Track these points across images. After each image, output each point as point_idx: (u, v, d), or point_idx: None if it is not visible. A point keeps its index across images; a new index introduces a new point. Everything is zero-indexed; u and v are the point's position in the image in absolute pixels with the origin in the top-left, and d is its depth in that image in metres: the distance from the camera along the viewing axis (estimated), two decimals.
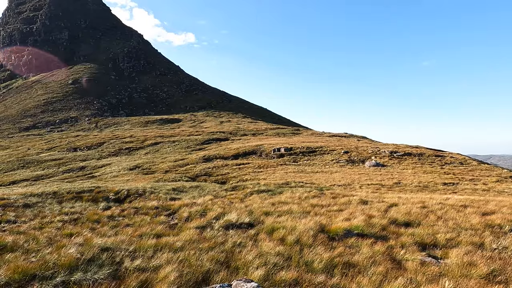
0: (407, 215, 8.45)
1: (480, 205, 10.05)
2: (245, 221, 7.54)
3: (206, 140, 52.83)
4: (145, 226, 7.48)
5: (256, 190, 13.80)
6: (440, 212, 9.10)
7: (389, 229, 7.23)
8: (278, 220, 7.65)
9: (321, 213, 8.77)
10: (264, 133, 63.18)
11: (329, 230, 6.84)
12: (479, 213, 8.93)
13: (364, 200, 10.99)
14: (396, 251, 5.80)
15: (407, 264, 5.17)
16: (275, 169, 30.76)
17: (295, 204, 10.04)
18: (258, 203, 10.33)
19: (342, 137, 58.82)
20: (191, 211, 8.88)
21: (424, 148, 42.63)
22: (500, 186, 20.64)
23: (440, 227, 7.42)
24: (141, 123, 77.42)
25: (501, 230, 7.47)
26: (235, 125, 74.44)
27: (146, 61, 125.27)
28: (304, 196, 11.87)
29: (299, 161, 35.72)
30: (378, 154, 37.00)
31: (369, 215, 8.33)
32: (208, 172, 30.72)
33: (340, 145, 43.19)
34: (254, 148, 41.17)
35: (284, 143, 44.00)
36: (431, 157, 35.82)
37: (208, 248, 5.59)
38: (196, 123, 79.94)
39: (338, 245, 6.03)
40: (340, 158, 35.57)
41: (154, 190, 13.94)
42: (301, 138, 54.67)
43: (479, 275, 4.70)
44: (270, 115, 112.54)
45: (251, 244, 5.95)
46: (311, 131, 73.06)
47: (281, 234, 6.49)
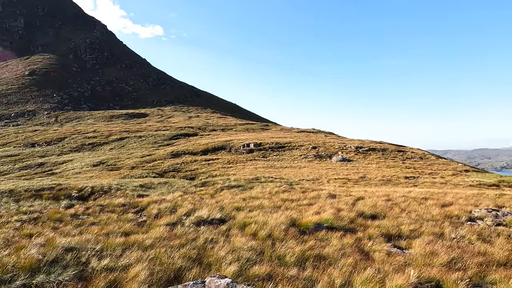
0: (373, 208, 8.78)
1: (439, 197, 10.65)
2: (217, 217, 7.48)
3: (174, 136, 51.81)
4: (112, 224, 7.20)
5: (226, 185, 13.74)
6: (404, 204, 9.54)
7: (357, 221, 7.48)
8: (249, 215, 7.66)
9: (292, 208, 8.89)
10: (234, 129, 62.98)
11: (300, 224, 6.95)
12: (439, 205, 9.46)
13: (333, 194, 11.28)
14: (364, 242, 6.01)
15: (374, 255, 5.37)
16: (245, 165, 30.79)
17: (266, 199, 10.10)
18: (229, 199, 10.29)
19: (310, 133, 59.95)
20: (160, 208, 8.67)
21: (387, 144, 44.44)
22: (456, 179, 21.97)
23: (404, 219, 7.77)
24: (106, 118, 74.42)
25: (458, 220, 7.95)
26: (204, 120, 73.56)
27: (111, 53, 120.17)
28: (274, 191, 11.97)
29: (269, 156, 35.98)
30: (345, 149, 38.10)
31: (338, 209, 8.56)
32: (177, 168, 30.17)
33: (308, 140, 43.99)
34: (223, 144, 40.94)
35: (253, 139, 44.13)
36: (394, 152, 37.42)
37: (179, 245, 5.48)
38: (164, 118, 78.07)
39: (309, 238, 6.14)
40: (308, 153, 36.22)
41: (120, 187, 13.47)
42: (271, 134, 55.08)
43: (440, 264, 4.98)
44: (239, 110, 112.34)
45: (223, 240, 5.91)
46: (280, 127, 73.77)
47: (253, 229, 6.50)
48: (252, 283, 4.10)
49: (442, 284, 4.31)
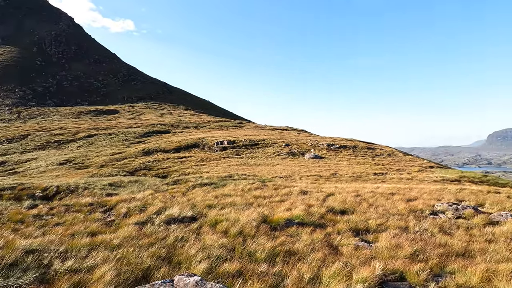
0: (343, 204, 9.00)
1: (405, 193, 11.08)
2: (188, 215, 7.39)
3: (146, 133, 50.64)
4: (77, 224, 6.94)
5: (199, 183, 13.61)
6: (372, 200, 9.86)
7: (327, 217, 7.64)
8: (221, 213, 7.63)
9: (264, 204, 8.96)
10: (207, 126, 62.44)
11: (272, 220, 7.01)
12: (405, 200, 9.85)
13: (304, 191, 11.46)
14: (333, 237, 6.15)
15: (343, 249, 5.51)
16: (218, 162, 30.63)
17: (238, 196, 10.10)
18: (201, 197, 10.22)
19: (283, 130, 60.50)
20: (129, 207, 8.46)
21: (358, 141, 45.67)
22: (421, 175, 22.96)
23: (372, 214, 8.03)
24: (73, 114, 71.45)
25: (422, 214, 8.33)
26: (176, 117, 72.37)
27: (78, 47, 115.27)
28: (247, 188, 12.00)
29: (242, 154, 35.97)
30: (317, 146, 38.78)
31: (309, 205, 8.71)
32: (148, 166, 29.54)
33: (281, 138, 44.39)
34: (196, 141, 40.50)
35: (227, 136, 43.96)
36: (364, 149, 38.53)
37: (148, 244, 5.37)
38: (135, 114, 76.05)
39: (280, 234, 6.21)
40: (281, 150, 36.56)
41: (88, 186, 13.01)
42: (244, 131, 55.08)
43: (404, 256, 5.19)
44: (213, 107, 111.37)
45: (194, 237, 5.85)
46: (253, 124, 73.92)
47: (225, 227, 6.48)
48: (222, 280, 4.09)
49: (405, 275, 4.48)
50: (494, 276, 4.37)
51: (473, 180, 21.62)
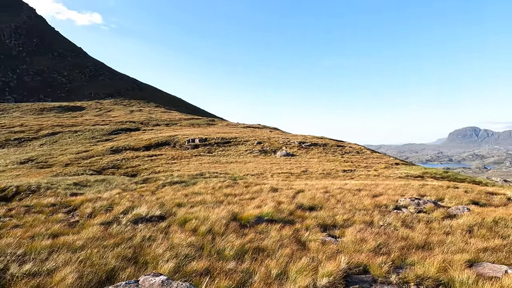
0: (312, 200, 9.18)
1: (371, 189, 11.47)
2: (156, 213, 7.26)
3: (114, 130, 49.10)
4: (38, 226, 6.62)
5: (168, 181, 13.39)
6: (340, 196, 10.12)
7: (296, 213, 7.77)
8: (190, 211, 7.56)
9: (234, 202, 8.96)
10: (178, 124, 61.45)
11: (241, 218, 7.03)
12: (371, 196, 10.19)
13: (275, 188, 11.57)
14: (301, 233, 6.27)
15: (310, 245, 5.63)
16: (190, 160, 30.26)
17: (208, 194, 10.05)
18: (171, 195, 10.06)
19: (256, 128, 60.70)
20: (95, 207, 8.18)
21: (328, 139, 46.68)
22: (387, 171, 23.85)
23: (339, 209, 8.25)
24: (35, 110, 67.89)
25: (386, 209, 8.66)
26: (147, 114, 70.63)
27: (41, 40, 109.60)
28: (218, 186, 11.95)
29: (214, 152, 35.75)
30: (289, 144, 39.24)
31: (279, 202, 8.81)
32: (117, 164, 28.66)
33: (254, 136, 44.53)
34: (167, 139, 39.77)
35: (199, 134, 43.50)
36: (334, 147, 39.45)
37: (114, 245, 5.22)
38: (102, 111, 73.42)
39: (249, 231, 6.24)
40: (253, 148, 36.68)
41: (51, 186, 12.44)
42: (216, 129, 54.73)
43: (368, 249, 5.38)
44: (184, 105, 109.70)
45: (162, 237, 5.76)
46: (226, 122, 73.62)
47: (194, 225, 6.43)
48: (189, 279, 4.06)
49: (369, 268, 4.65)
50: (450, 266, 4.63)
51: (435, 176, 22.73)
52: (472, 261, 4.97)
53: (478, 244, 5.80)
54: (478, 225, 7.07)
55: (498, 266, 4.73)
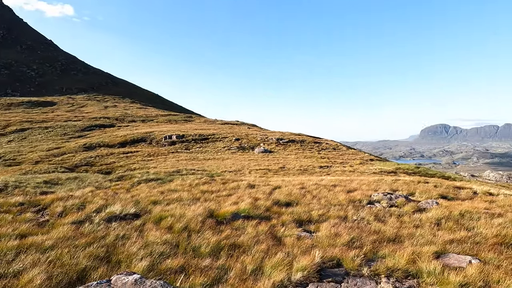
0: (288, 196, 9.29)
1: (346, 184, 11.72)
2: (131, 211, 7.12)
3: (88, 127, 47.59)
4: (5, 226, 6.33)
5: (144, 179, 13.15)
6: (316, 191, 10.29)
7: (273, 209, 7.84)
8: (166, 209, 7.47)
9: (211, 199, 8.93)
10: (155, 120, 60.32)
11: (218, 214, 7.02)
12: (345, 191, 10.42)
13: (252, 184, 11.61)
14: (277, 229, 6.33)
15: (286, 240, 5.70)
16: (166, 157, 29.83)
17: (185, 192, 9.95)
18: (146, 193, 9.89)
19: (233, 125, 60.53)
20: (66, 205, 7.90)
21: (305, 136, 47.25)
22: (363, 167, 24.44)
23: (315, 205, 8.39)
24: (2, 106, 64.67)
25: (360, 204, 8.88)
26: (122, 110, 68.88)
27: (8, 31, 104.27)
28: (195, 183, 11.86)
29: (192, 148, 35.39)
30: (266, 141, 39.42)
31: (256, 198, 8.86)
32: (90, 161, 27.82)
33: (231, 132, 44.40)
34: (143, 135, 38.98)
35: (176, 130, 42.90)
36: (311, 144, 39.98)
37: (85, 244, 5.08)
38: (75, 107, 70.90)
39: (225, 228, 6.24)
40: (231, 145, 36.59)
41: (19, 184, 11.93)
42: (194, 125, 54.16)
43: (342, 243, 5.51)
44: (161, 101, 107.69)
45: (137, 235, 5.66)
46: (204, 119, 72.95)
47: (169, 222, 6.36)
48: (164, 277, 4.02)
49: (342, 262, 4.77)
50: (419, 258, 4.82)
51: (407, 172, 23.52)
52: (439, 253, 5.19)
53: (445, 236, 6.07)
54: (446, 218, 7.39)
55: (463, 257, 4.97)
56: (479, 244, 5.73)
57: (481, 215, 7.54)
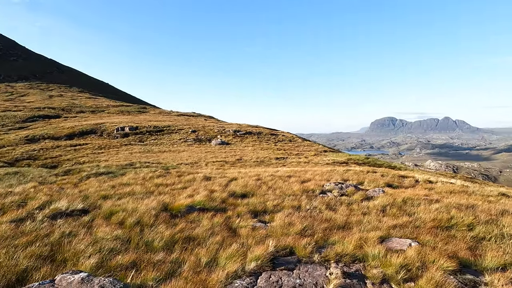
0: (244, 188, 9.36)
1: (301, 175, 12.07)
2: (78, 207, 6.74)
3: (30, 117, 44.06)
4: None
5: (94, 173, 12.51)
6: (271, 182, 10.48)
7: (228, 201, 7.86)
8: (118, 203, 7.17)
9: (165, 192, 8.73)
10: (106, 111, 57.36)
11: (172, 208, 6.89)
12: (300, 181, 10.73)
13: (208, 177, 11.54)
14: (233, 220, 6.37)
15: (241, 231, 5.76)
16: (119, 150, 28.60)
17: (138, 185, 9.63)
18: (96, 187, 9.42)
19: (190, 117, 59.45)
20: (4, 203, 7.28)
21: (262, 128, 47.72)
22: (317, 158, 25.29)
23: (270, 196, 8.55)
24: None
25: (313, 193, 9.20)
26: (69, 100, 64.53)
27: None
28: (149, 176, 11.52)
29: (146, 140, 34.25)
30: (224, 133, 39.25)
31: (211, 190, 8.82)
32: (33, 155, 25.86)
33: (188, 124, 43.59)
34: (93, 127, 36.96)
35: (129, 122, 41.20)
36: (268, 136, 40.49)
37: (26, 243, 4.73)
38: (14, 96, 65.16)
39: (180, 221, 6.15)
40: (188, 137, 35.96)
41: None
42: (148, 117, 52.35)
43: (295, 232, 5.68)
44: (113, 90, 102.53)
45: (84, 231, 5.38)
46: (158, 110, 70.70)
47: (121, 217, 6.12)
48: (114, 274, 3.88)
49: (294, 250, 4.92)
50: (365, 243, 5.12)
51: (358, 162, 24.75)
52: (383, 237, 5.56)
53: (389, 222, 6.51)
54: (390, 205, 7.91)
55: (404, 240, 5.37)
56: (418, 228, 6.22)
57: (421, 202, 8.17)
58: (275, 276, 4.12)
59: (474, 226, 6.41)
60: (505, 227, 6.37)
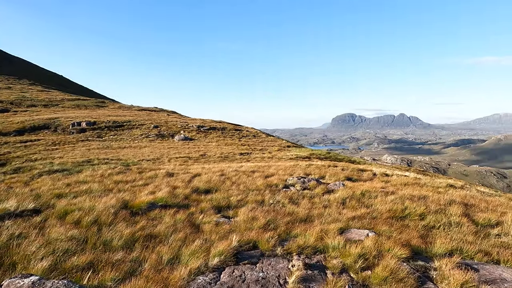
0: (208, 183, 9.29)
1: (264, 170, 12.18)
2: (29, 207, 6.32)
3: None
4: None
5: (47, 170, 11.80)
6: (235, 178, 10.48)
7: (192, 197, 7.76)
8: (73, 202, 6.82)
9: (126, 189, 8.44)
10: (60, 105, 54.13)
11: (133, 205, 6.68)
12: (263, 176, 10.83)
13: (171, 173, 11.30)
14: (196, 216, 6.30)
15: (204, 227, 5.71)
16: (75, 146, 27.15)
17: (96, 183, 9.22)
18: (49, 185, 8.89)
19: (152, 111, 57.76)
20: None
21: (226, 123, 47.51)
22: (280, 153, 25.64)
23: (234, 191, 8.55)
24: None
25: (277, 188, 9.33)
26: (18, 93, 60.05)
27: None
28: (107, 173, 11.06)
29: (105, 136, 32.81)
30: (187, 128, 38.59)
31: (174, 186, 8.66)
32: None
33: (150, 119, 42.34)
34: (46, 122, 34.76)
35: (86, 117, 39.23)
36: (232, 131, 40.39)
37: None
38: None
39: (141, 219, 5.98)
40: (150, 132, 34.95)
41: None
42: (107, 112, 50.13)
43: (258, 226, 5.73)
44: (68, 83, 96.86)
45: (36, 233, 5.05)
46: (118, 104, 67.91)
47: (77, 217, 5.82)
48: (69, 276, 3.70)
49: (258, 244, 4.97)
50: (326, 235, 5.28)
51: (320, 157, 25.43)
52: (343, 229, 5.77)
53: (348, 214, 6.76)
54: (350, 197, 8.22)
55: (362, 231, 5.61)
56: (375, 219, 6.53)
57: (378, 194, 8.58)
58: (238, 271, 4.13)
59: (425, 216, 6.84)
60: (452, 216, 6.86)
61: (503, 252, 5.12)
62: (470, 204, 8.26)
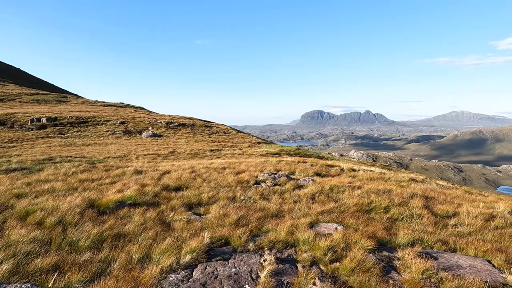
0: (178, 180, 9.16)
1: (235, 166, 12.19)
2: None
3: None
4: None
5: (4, 169, 11.10)
6: (206, 175, 10.41)
7: (162, 195, 7.63)
8: (35, 202, 6.48)
9: (92, 188, 8.14)
10: (17, 99, 51.01)
11: (100, 204, 6.46)
12: (234, 173, 10.84)
13: (139, 170, 11.04)
14: (167, 214, 6.21)
15: (175, 225, 5.64)
16: (35, 143, 25.73)
17: (59, 182, 8.81)
18: (7, 185, 8.37)
19: (118, 107, 55.88)
20: None
21: (196, 119, 46.93)
22: (251, 150, 25.73)
23: (205, 188, 8.50)
24: None
25: (248, 184, 9.39)
26: None
27: None
28: (71, 171, 10.60)
29: (67, 133, 31.36)
30: (155, 124, 37.72)
31: (143, 184, 8.47)
32: None
33: (116, 115, 40.94)
34: (2, 118, 32.65)
35: (46, 112, 37.26)
36: (202, 127, 39.98)
37: None
38: None
39: (109, 218, 5.80)
40: (116, 129, 33.82)
41: None
42: (70, 107, 47.89)
43: (230, 223, 5.75)
44: (26, 77, 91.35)
45: None
46: (82, 99, 65.04)
47: (39, 217, 5.54)
48: (33, 279, 3.53)
49: (230, 240, 4.99)
50: (296, 229, 5.41)
51: (290, 153, 25.80)
52: (313, 223, 5.93)
53: (318, 208, 6.95)
54: (319, 192, 8.44)
55: (330, 224, 5.79)
56: (343, 212, 6.76)
57: (346, 188, 8.87)
58: (210, 267, 4.14)
59: (390, 209, 7.18)
60: (414, 208, 7.25)
61: (459, 241, 5.49)
62: (430, 197, 8.74)
